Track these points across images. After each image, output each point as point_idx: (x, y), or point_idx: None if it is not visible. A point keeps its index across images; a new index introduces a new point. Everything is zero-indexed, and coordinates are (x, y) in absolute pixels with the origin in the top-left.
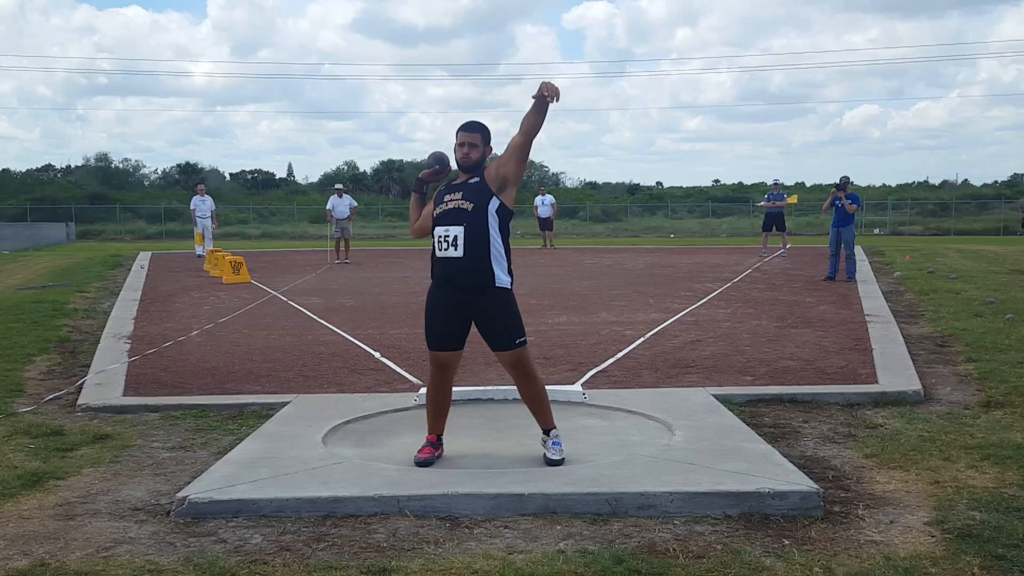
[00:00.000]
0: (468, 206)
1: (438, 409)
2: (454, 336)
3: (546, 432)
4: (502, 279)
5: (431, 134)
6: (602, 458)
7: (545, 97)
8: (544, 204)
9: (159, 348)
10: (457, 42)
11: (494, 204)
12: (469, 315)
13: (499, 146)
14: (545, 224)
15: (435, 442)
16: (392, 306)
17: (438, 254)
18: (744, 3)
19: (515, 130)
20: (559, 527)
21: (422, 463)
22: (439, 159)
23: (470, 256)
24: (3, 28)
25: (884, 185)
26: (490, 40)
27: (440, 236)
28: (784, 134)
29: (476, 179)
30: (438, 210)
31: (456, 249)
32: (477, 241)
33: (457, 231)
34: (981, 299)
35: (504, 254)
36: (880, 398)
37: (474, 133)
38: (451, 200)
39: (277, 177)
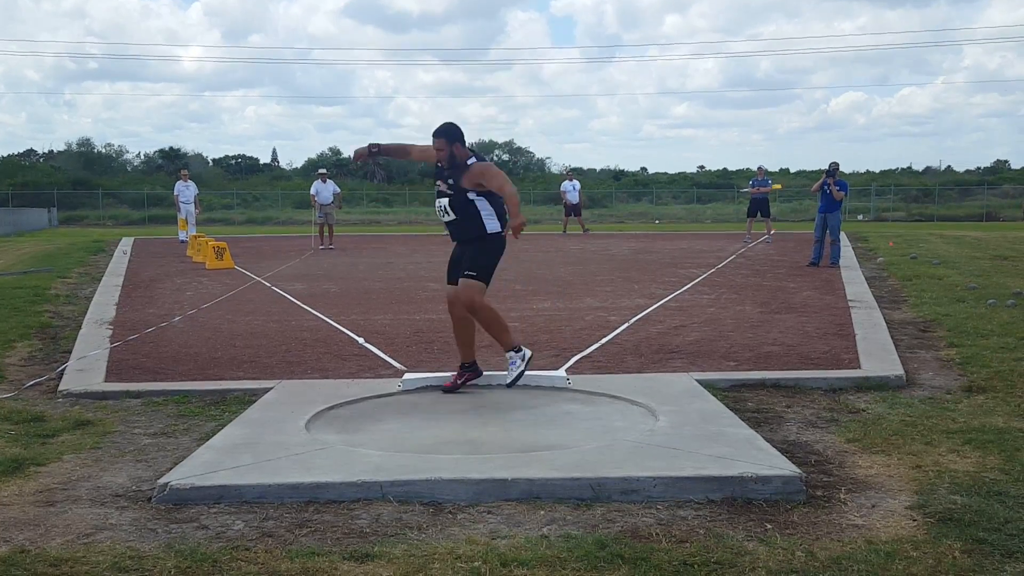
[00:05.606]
0: (447, 189)
1: (458, 338)
2: (455, 270)
3: (507, 351)
4: (492, 226)
5: (418, 119)
6: (586, 443)
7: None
8: (574, 190)
9: (141, 334)
10: (449, 28)
11: (471, 193)
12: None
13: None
14: (573, 209)
15: (461, 370)
16: (376, 292)
17: (441, 219)
18: None
19: (503, 116)
20: (542, 512)
21: (447, 391)
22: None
23: (460, 218)
24: None
25: (868, 171)
26: (481, 26)
27: (437, 206)
28: (770, 120)
29: (452, 180)
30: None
31: (448, 215)
32: (462, 207)
33: (443, 201)
34: (963, 285)
35: (493, 210)
36: (862, 383)
37: (439, 139)
38: (439, 183)
39: (261, 162)
